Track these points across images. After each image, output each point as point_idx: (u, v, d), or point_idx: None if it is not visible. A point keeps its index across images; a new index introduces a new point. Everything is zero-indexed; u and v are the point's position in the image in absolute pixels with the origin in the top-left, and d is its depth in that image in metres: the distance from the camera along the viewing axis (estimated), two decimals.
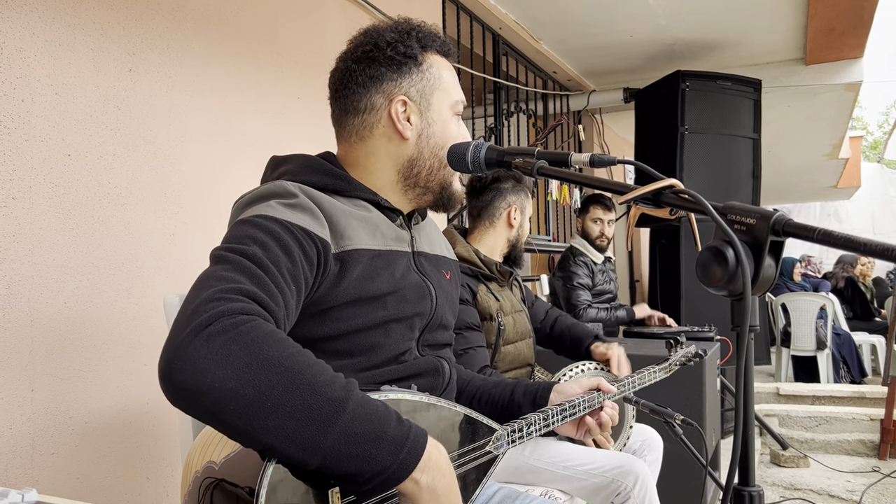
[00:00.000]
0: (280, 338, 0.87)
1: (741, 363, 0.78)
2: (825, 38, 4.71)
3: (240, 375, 0.81)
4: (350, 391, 0.88)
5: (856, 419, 4.73)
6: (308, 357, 0.88)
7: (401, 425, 0.91)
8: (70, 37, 1.77)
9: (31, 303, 1.65)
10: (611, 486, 1.85)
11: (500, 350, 2.16)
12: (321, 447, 0.84)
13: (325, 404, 0.84)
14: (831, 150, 8.32)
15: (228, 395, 0.81)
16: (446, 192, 1.29)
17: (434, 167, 1.26)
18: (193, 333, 0.82)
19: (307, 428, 0.83)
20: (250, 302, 0.89)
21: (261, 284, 0.92)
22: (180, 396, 0.82)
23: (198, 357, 0.81)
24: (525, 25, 4.46)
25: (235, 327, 0.83)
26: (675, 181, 0.90)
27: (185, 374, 0.81)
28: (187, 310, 0.86)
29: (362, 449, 0.86)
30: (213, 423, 0.85)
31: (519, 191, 2.35)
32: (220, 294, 0.87)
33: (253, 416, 0.82)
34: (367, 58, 1.24)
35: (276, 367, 0.83)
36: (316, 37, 2.69)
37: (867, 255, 0.72)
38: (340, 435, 0.85)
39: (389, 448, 0.88)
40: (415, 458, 0.90)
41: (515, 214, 2.31)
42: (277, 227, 1.02)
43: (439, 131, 1.25)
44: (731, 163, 4.66)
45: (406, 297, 1.18)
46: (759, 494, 0.83)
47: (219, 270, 0.92)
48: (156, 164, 1.99)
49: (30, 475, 1.64)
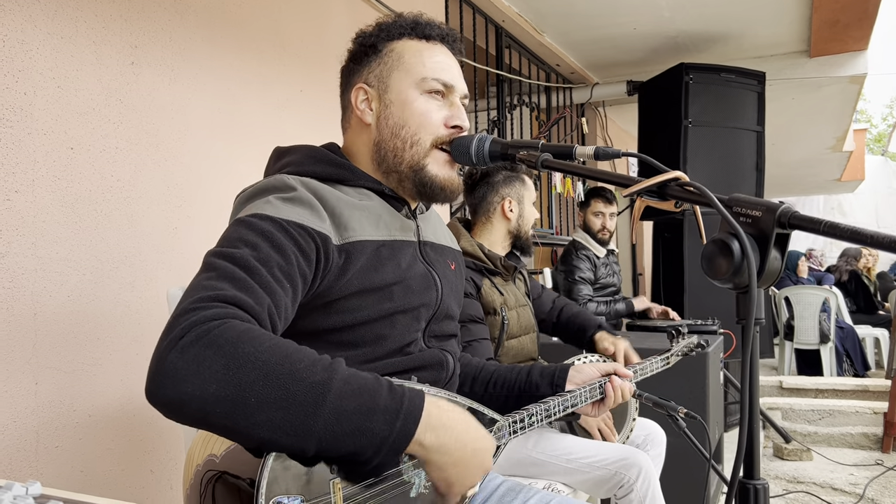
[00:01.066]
0: (254, 335, 0.87)
1: (746, 356, 0.78)
2: (830, 31, 4.68)
3: (218, 378, 0.82)
4: (333, 371, 0.88)
5: (859, 412, 4.73)
6: (286, 347, 0.88)
7: (392, 393, 0.91)
8: (72, 29, 1.77)
9: (34, 296, 1.65)
10: (614, 479, 1.85)
11: (503, 344, 2.16)
12: (313, 431, 0.84)
13: (308, 389, 0.85)
14: (835, 143, 8.29)
15: (211, 399, 0.82)
16: (421, 176, 1.21)
17: (398, 148, 1.22)
18: (169, 348, 0.84)
19: (295, 415, 0.84)
20: (226, 307, 0.89)
21: (244, 288, 0.93)
22: (167, 410, 0.84)
23: (175, 369, 0.83)
24: (528, 18, 4.45)
25: (208, 333, 0.84)
26: (680, 174, 0.90)
27: (166, 388, 0.83)
28: (167, 326, 0.87)
29: (356, 424, 0.87)
30: (207, 428, 0.87)
31: (512, 181, 2.32)
32: (195, 304, 0.88)
33: (240, 415, 0.83)
34: (346, 60, 1.30)
35: (252, 362, 0.84)
36: (319, 29, 2.68)
37: (874, 247, 0.71)
38: (330, 415, 0.85)
39: (384, 417, 0.89)
40: (413, 421, 0.91)
41: (511, 206, 2.29)
42: (271, 227, 1.02)
43: (397, 111, 1.22)
44: (735, 156, 4.65)
45: (412, 288, 1.18)
46: (764, 488, 0.83)
47: (202, 280, 0.94)
48: (158, 158, 1.99)
49: (34, 468, 1.64)
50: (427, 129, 1.21)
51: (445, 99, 1.25)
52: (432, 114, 1.22)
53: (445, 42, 1.29)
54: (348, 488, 0.92)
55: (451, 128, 1.23)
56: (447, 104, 1.25)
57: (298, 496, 0.87)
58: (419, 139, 1.21)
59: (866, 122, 23.70)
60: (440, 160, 1.23)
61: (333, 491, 0.90)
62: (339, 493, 0.91)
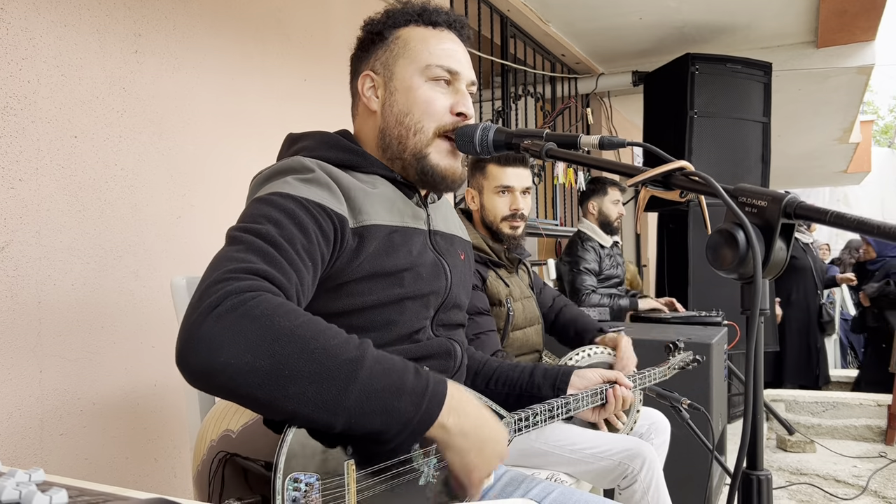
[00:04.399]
0: (290, 308, 0.88)
1: (751, 346, 0.77)
2: (837, 21, 4.65)
3: (254, 349, 0.83)
4: (365, 349, 0.90)
5: (863, 404, 4.72)
6: (320, 323, 0.90)
7: (418, 375, 0.93)
8: (76, 17, 1.76)
9: (38, 284, 1.66)
10: (618, 470, 1.85)
11: (508, 336, 2.16)
12: (344, 407, 0.86)
13: (342, 365, 0.86)
14: (842, 134, 8.24)
15: (245, 368, 0.82)
16: (423, 165, 1.21)
17: (402, 135, 1.22)
18: (204, 315, 0.84)
19: (328, 390, 0.85)
20: (260, 280, 0.90)
21: (273, 263, 0.94)
22: (199, 377, 0.84)
23: (210, 336, 0.83)
24: (533, 7, 4.42)
25: (244, 303, 0.85)
26: (685, 163, 0.89)
27: (199, 355, 0.83)
28: (198, 293, 0.87)
29: (385, 403, 0.88)
30: (234, 399, 0.87)
31: (472, 171, 2.28)
32: (229, 275, 0.88)
33: (272, 387, 0.83)
34: (355, 48, 1.31)
35: (288, 336, 0.85)
36: (322, 19, 2.67)
37: (880, 238, 0.71)
38: (361, 392, 0.86)
39: (411, 398, 0.90)
40: (437, 404, 0.93)
41: (471, 197, 2.27)
42: (293, 204, 1.02)
43: (402, 98, 1.22)
44: (741, 147, 4.62)
45: (422, 275, 1.18)
46: (767, 478, 0.83)
47: (230, 252, 0.94)
48: (162, 146, 1.99)
49: (38, 456, 1.65)
50: (431, 116, 1.21)
51: (451, 86, 1.24)
52: (436, 101, 1.22)
53: (453, 28, 1.28)
54: (362, 470, 0.94)
55: (455, 115, 1.22)
56: (452, 91, 1.24)
57: (314, 474, 0.88)
58: (422, 127, 1.21)
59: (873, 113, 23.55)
60: (443, 149, 1.22)
61: (347, 472, 0.92)
62: (352, 475, 0.92)
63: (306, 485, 0.86)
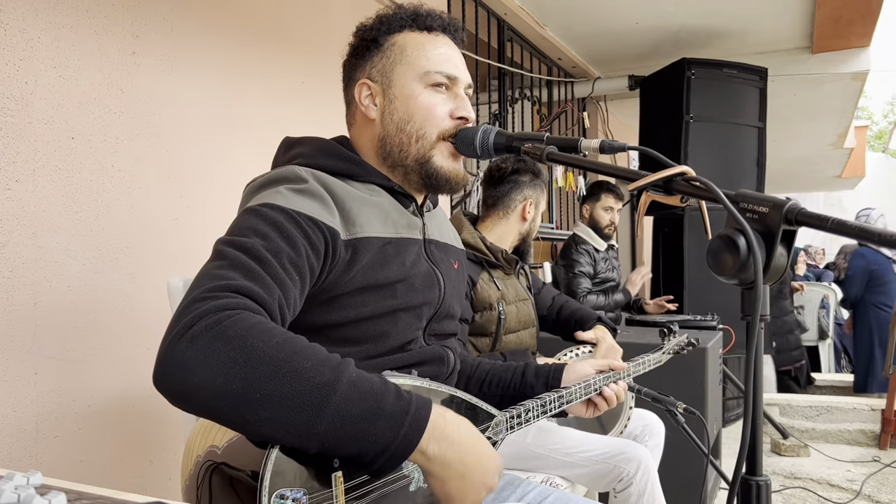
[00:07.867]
0: (265, 328, 0.86)
1: (751, 352, 0.77)
2: (832, 27, 4.67)
3: (226, 371, 0.82)
4: (340, 372, 0.87)
5: (857, 409, 4.74)
6: (296, 344, 0.88)
7: (399, 399, 0.90)
8: (74, 19, 1.76)
9: (34, 286, 1.65)
10: (613, 473, 1.85)
11: (500, 339, 2.15)
12: (316, 432, 0.84)
13: (313, 390, 0.84)
14: (836, 139, 8.28)
15: (217, 391, 0.82)
16: (427, 168, 1.21)
17: (404, 143, 1.21)
18: (178, 336, 0.84)
19: (299, 415, 0.83)
20: (237, 297, 0.89)
21: (255, 278, 0.92)
22: (175, 399, 0.85)
23: (183, 359, 0.83)
24: (530, 11, 4.43)
25: (219, 324, 0.84)
26: (686, 168, 0.89)
27: (173, 377, 0.83)
28: (176, 314, 0.87)
29: (359, 429, 0.86)
30: (213, 419, 0.87)
31: (536, 185, 2.32)
32: (206, 294, 0.88)
33: (244, 410, 0.82)
34: (347, 55, 1.30)
35: (260, 358, 0.83)
36: (320, 21, 2.67)
37: (881, 245, 0.71)
38: (334, 418, 0.85)
39: (388, 424, 0.88)
40: (417, 430, 0.90)
41: (530, 209, 2.30)
42: (282, 217, 1.01)
43: (402, 106, 1.21)
44: (736, 151, 4.64)
45: (415, 286, 1.17)
46: (767, 484, 0.83)
47: (212, 269, 0.93)
48: (159, 148, 1.98)
49: (34, 458, 1.64)
50: (433, 122, 1.21)
51: (450, 91, 1.24)
52: (437, 107, 1.21)
53: (447, 32, 1.28)
54: (350, 481, 0.92)
55: (456, 119, 1.22)
56: (452, 96, 1.24)
57: (301, 489, 0.87)
58: (425, 133, 1.21)
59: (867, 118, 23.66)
60: (445, 151, 1.22)
61: (335, 484, 0.90)
62: (340, 487, 0.91)
63: (293, 500, 0.85)
